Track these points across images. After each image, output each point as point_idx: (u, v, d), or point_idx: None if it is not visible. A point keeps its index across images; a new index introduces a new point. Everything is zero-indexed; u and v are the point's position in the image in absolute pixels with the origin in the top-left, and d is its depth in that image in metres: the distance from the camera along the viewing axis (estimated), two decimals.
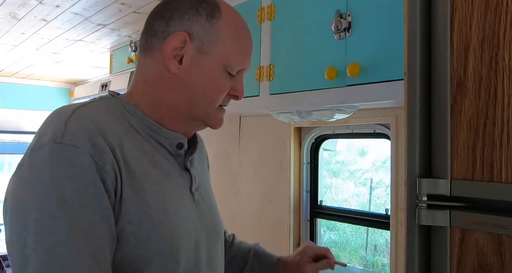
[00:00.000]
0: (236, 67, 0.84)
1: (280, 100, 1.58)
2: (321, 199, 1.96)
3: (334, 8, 1.37)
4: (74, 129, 0.70)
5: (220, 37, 0.82)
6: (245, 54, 0.86)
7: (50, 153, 0.68)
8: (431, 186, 0.73)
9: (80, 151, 0.68)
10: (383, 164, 3.27)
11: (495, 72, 0.68)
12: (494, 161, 0.67)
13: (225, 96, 0.86)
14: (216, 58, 0.82)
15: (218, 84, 0.83)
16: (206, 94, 0.82)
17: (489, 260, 0.68)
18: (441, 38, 0.74)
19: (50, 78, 3.98)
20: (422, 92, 0.75)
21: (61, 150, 0.68)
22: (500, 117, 0.67)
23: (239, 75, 0.86)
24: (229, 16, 0.84)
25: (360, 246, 3.42)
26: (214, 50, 0.81)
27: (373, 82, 1.27)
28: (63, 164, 0.67)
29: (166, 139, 0.82)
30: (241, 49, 0.85)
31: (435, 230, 0.73)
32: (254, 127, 2.12)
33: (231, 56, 0.83)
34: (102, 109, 0.79)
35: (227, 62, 0.82)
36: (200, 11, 0.81)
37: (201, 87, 0.82)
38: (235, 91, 0.86)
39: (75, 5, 2.04)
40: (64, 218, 0.65)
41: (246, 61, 0.87)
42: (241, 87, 0.87)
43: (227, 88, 0.84)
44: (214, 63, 0.82)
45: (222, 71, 0.82)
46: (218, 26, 0.82)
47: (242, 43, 0.85)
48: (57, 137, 0.69)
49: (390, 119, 1.56)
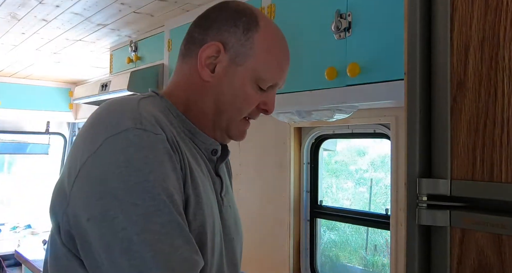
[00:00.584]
0: (268, 82, 0.85)
1: (280, 100, 1.58)
2: (321, 199, 1.96)
3: (334, 8, 1.37)
4: (149, 117, 0.71)
5: (254, 50, 0.83)
6: (278, 70, 0.87)
7: (135, 138, 0.68)
8: (431, 186, 0.73)
9: (160, 137, 0.70)
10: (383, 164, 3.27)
11: (495, 72, 0.68)
12: (494, 161, 0.67)
13: (254, 109, 0.87)
14: (248, 71, 0.83)
15: (247, 96, 0.84)
16: (233, 104, 0.84)
17: (489, 260, 0.68)
18: (441, 38, 0.74)
19: (50, 78, 3.98)
20: (422, 92, 0.75)
21: (144, 136, 0.68)
22: (500, 117, 0.67)
23: (271, 90, 0.87)
24: (266, 30, 0.85)
25: (360, 246, 3.42)
26: (247, 63, 0.83)
27: (373, 82, 1.27)
28: (150, 150, 0.68)
29: (203, 143, 0.85)
30: (274, 65, 0.86)
31: (435, 230, 0.73)
32: (254, 127, 2.11)
33: (263, 70, 0.84)
34: (155, 106, 0.79)
35: (259, 76, 0.84)
36: (238, 24, 0.84)
37: (230, 97, 0.84)
38: (265, 106, 0.87)
39: (75, 5, 2.04)
40: (164, 201, 0.67)
41: (279, 77, 0.87)
42: (272, 102, 0.88)
43: (256, 101, 0.86)
44: (245, 76, 0.83)
45: (252, 84, 0.84)
46: (253, 39, 0.83)
47: (276, 59, 0.86)
48: (137, 123, 0.69)
49: (390, 119, 1.56)
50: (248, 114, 0.87)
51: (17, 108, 3.83)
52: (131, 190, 0.66)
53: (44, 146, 4.29)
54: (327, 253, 2.63)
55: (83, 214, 0.69)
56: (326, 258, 2.45)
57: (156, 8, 2.06)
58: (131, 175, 0.66)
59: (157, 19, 2.23)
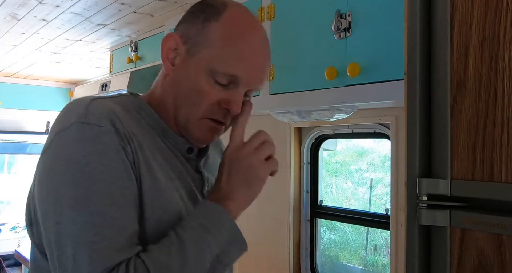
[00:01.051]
0: (224, 76, 0.77)
1: (280, 100, 1.58)
2: (322, 199, 1.96)
3: (334, 8, 1.37)
4: (96, 112, 0.72)
5: (209, 40, 0.78)
6: (238, 63, 0.77)
7: (76, 132, 0.70)
8: (431, 186, 0.73)
9: (104, 129, 0.70)
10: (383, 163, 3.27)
11: (495, 72, 0.68)
12: (494, 161, 0.67)
13: (216, 107, 0.79)
14: (202, 62, 0.78)
15: (201, 90, 0.78)
16: (188, 98, 0.79)
17: (489, 260, 0.68)
18: (441, 38, 0.74)
19: (50, 78, 3.98)
20: (422, 92, 0.75)
21: (86, 129, 0.70)
22: (500, 117, 0.67)
23: (234, 87, 0.79)
24: (229, 20, 0.78)
25: (360, 246, 3.42)
26: (201, 54, 0.78)
27: (373, 82, 1.27)
28: (91, 142, 0.69)
29: (175, 142, 0.83)
30: (233, 57, 0.77)
31: (435, 230, 0.73)
32: (254, 127, 2.11)
33: (218, 62, 0.77)
34: (117, 104, 0.80)
35: (213, 68, 0.77)
36: (200, 15, 0.80)
37: (185, 90, 0.80)
38: (227, 104, 0.79)
39: (75, 5, 2.04)
40: (97, 192, 0.68)
41: (240, 71, 0.78)
42: (236, 102, 0.79)
43: (213, 97, 0.78)
44: (199, 67, 0.78)
45: (207, 77, 0.77)
46: (209, 29, 0.78)
47: (236, 51, 0.77)
48: (81, 118, 0.71)
49: (390, 119, 1.56)
50: (209, 113, 0.79)
51: (17, 108, 3.83)
52: (68, 183, 0.68)
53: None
54: (327, 253, 2.63)
55: (38, 210, 0.73)
56: (326, 258, 2.45)
57: (156, 8, 2.06)
58: (69, 167, 0.69)
59: (157, 19, 2.23)
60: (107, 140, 0.70)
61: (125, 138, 0.72)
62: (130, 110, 0.80)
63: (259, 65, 0.80)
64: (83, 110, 0.72)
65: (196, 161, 0.87)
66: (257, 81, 0.81)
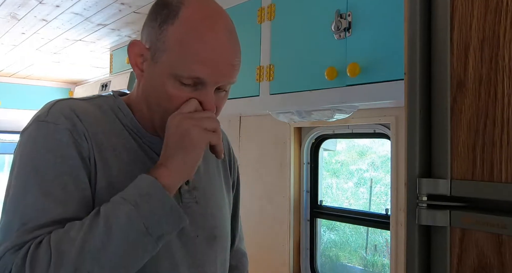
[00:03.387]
0: (187, 77, 0.75)
1: (280, 100, 1.58)
2: (322, 199, 1.96)
3: (334, 8, 1.37)
4: (56, 111, 0.77)
5: (167, 45, 0.76)
6: (197, 64, 0.75)
7: (34, 130, 0.76)
8: (431, 186, 0.73)
9: (60, 127, 0.75)
10: (383, 164, 3.27)
11: (495, 72, 0.68)
12: (494, 161, 0.67)
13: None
14: (165, 68, 0.76)
15: (169, 96, 0.77)
16: (159, 105, 0.79)
17: (489, 260, 0.68)
18: (441, 38, 0.74)
19: (50, 78, 3.98)
20: (422, 92, 0.75)
21: (42, 127, 0.75)
22: (500, 117, 0.67)
23: (202, 87, 0.77)
24: (185, 21, 0.76)
25: (360, 246, 3.42)
26: (163, 59, 0.77)
27: (373, 82, 1.27)
28: (43, 138, 0.74)
29: (151, 143, 0.84)
30: (191, 57, 0.75)
31: (435, 230, 0.73)
32: (254, 127, 2.12)
33: (178, 65, 0.75)
34: (90, 104, 0.82)
35: (175, 72, 0.75)
36: (156, 17, 0.78)
37: (154, 97, 0.80)
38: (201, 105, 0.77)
39: (75, 5, 2.04)
40: (37, 185, 0.71)
41: (201, 72, 0.75)
42: (208, 101, 0.77)
43: (184, 99, 0.77)
44: (163, 73, 0.77)
45: (173, 81, 0.76)
46: (166, 32, 0.76)
47: (193, 51, 0.75)
48: (40, 117, 0.76)
49: (390, 119, 1.56)
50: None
51: (17, 108, 3.83)
52: (17, 176, 0.74)
53: None
54: (327, 253, 2.63)
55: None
56: (326, 258, 2.45)
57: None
58: (21, 161, 0.75)
59: None
60: (59, 137, 0.74)
61: (83, 135, 0.75)
62: (106, 111, 0.82)
63: (223, 62, 0.77)
64: (46, 110, 0.77)
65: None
66: (224, 78, 0.78)
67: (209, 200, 0.90)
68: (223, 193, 0.96)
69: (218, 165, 0.98)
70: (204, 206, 0.88)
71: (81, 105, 0.80)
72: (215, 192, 0.93)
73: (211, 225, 0.88)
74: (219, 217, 0.92)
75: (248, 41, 1.68)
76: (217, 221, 0.91)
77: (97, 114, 0.80)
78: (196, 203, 0.86)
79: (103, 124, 0.79)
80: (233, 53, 0.78)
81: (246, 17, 1.73)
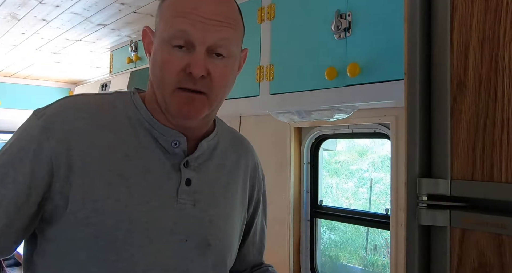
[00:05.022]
0: (174, 36, 0.76)
1: (280, 100, 1.58)
2: (322, 199, 1.96)
3: (334, 8, 1.37)
4: (52, 107, 0.80)
5: (161, 16, 0.80)
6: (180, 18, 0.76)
7: (26, 119, 0.80)
8: (431, 186, 0.73)
9: (39, 122, 0.77)
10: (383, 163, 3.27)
11: (495, 72, 0.68)
12: (494, 161, 0.67)
13: (183, 75, 0.76)
14: (159, 37, 0.78)
15: (164, 61, 0.77)
16: (158, 76, 0.79)
17: (489, 260, 0.68)
18: (441, 38, 0.74)
19: (50, 78, 3.98)
20: (422, 92, 0.75)
21: (30, 118, 0.79)
22: (500, 117, 0.67)
23: (192, 49, 0.76)
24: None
25: (360, 246, 3.42)
26: (159, 31, 0.79)
27: (373, 82, 1.27)
28: (22, 128, 0.79)
29: (162, 135, 0.82)
30: (174, 15, 0.77)
31: (435, 230, 0.73)
32: (254, 127, 2.12)
33: (166, 26, 0.77)
34: (99, 99, 0.83)
35: (165, 35, 0.76)
36: (160, 3, 0.83)
37: (155, 70, 0.79)
38: (189, 68, 0.76)
39: (75, 5, 2.04)
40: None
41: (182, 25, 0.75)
42: (196, 63, 0.75)
43: (177, 64, 0.76)
44: (159, 42, 0.78)
45: (167, 47, 0.77)
46: (162, 6, 0.81)
47: (176, 9, 0.77)
48: (38, 109, 0.80)
49: (390, 119, 1.56)
50: (177, 83, 0.77)
51: (17, 108, 3.83)
52: None
53: None
54: (327, 253, 2.63)
55: None
56: (326, 258, 2.45)
57: (156, 8, 2.06)
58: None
59: None
60: (31, 131, 0.77)
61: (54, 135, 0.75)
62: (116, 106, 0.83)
63: (206, 17, 0.76)
64: (44, 107, 0.80)
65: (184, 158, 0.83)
66: (209, 34, 0.76)
67: (212, 207, 0.86)
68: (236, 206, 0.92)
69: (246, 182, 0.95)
70: (202, 211, 0.84)
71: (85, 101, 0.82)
72: (217, 195, 0.88)
73: (206, 232, 0.84)
74: (221, 226, 0.87)
75: (248, 41, 1.68)
76: (216, 229, 0.86)
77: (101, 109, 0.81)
78: (193, 206, 0.83)
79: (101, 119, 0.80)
80: (217, 9, 0.78)
81: (246, 17, 1.73)
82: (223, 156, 0.91)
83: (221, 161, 0.90)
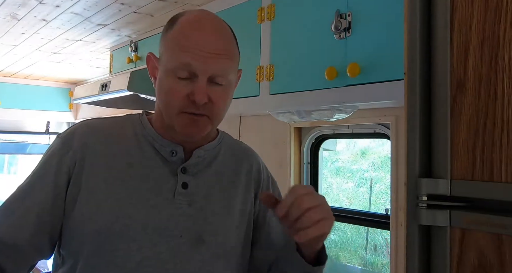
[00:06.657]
0: (178, 68, 0.84)
1: (280, 100, 1.58)
2: None
3: (334, 8, 1.37)
4: (70, 129, 0.94)
5: (165, 46, 0.88)
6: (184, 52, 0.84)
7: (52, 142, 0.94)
8: (431, 186, 0.73)
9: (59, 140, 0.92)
10: (383, 163, 3.27)
11: (495, 72, 0.68)
12: (494, 161, 0.67)
13: (187, 101, 0.85)
14: (163, 66, 0.87)
15: (168, 89, 0.87)
16: (164, 101, 0.89)
17: (489, 260, 0.68)
18: (441, 38, 0.74)
19: (50, 78, 3.98)
20: (422, 92, 0.75)
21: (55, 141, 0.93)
22: (500, 117, 0.67)
23: (195, 78, 0.84)
24: (179, 25, 0.87)
25: (360, 246, 3.42)
26: (163, 60, 0.88)
27: (373, 82, 1.27)
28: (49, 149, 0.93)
29: (162, 146, 0.93)
30: (177, 48, 0.85)
31: (435, 230, 0.73)
32: (254, 127, 2.12)
33: (171, 58, 0.86)
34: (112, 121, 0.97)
35: (170, 66, 0.85)
36: (164, 30, 0.91)
37: (161, 95, 0.90)
38: (192, 96, 0.84)
39: (75, 5, 2.04)
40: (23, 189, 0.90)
41: (186, 58, 0.83)
42: (198, 92, 0.84)
43: (180, 92, 0.85)
44: (163, 71, 0.87)
45: (172, 77, 0.85)
46: (166, 37, 0.89)
47: (180, 43, 0.85)
48: (61, 133, 0.95)
49: (390, 119, 1.56)
50: (182, 107, 0.86)
51: (17, 108, 3.83)
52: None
53: (44, 146, 4.29)
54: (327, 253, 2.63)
55: None
56: None
57: (156, 8, 2.06)
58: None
59: (157, 19, 2.23)
60: (53, 148, 0.91)
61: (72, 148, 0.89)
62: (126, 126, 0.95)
63: (207, 51, 0.84)
64: (67, 129, 0.95)
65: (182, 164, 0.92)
66: (210, 66, 0.84)
67: (207, 207, 0.93)
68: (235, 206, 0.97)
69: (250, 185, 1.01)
70: (197, 209, 0.91)
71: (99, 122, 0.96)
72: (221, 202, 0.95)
73: (201, 229, 0.91)
74: (216, 224, 0.93)
75: (248, 41, 1.68)
76: (211, 227, 0.92)
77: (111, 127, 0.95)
78: (189, 206, 0.91)
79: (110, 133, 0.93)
80: (216, 44, 0.86)
81: (246, 17, 1.73)
82: (223, 165, 0.99)
83: (220, 169, 0.98)
